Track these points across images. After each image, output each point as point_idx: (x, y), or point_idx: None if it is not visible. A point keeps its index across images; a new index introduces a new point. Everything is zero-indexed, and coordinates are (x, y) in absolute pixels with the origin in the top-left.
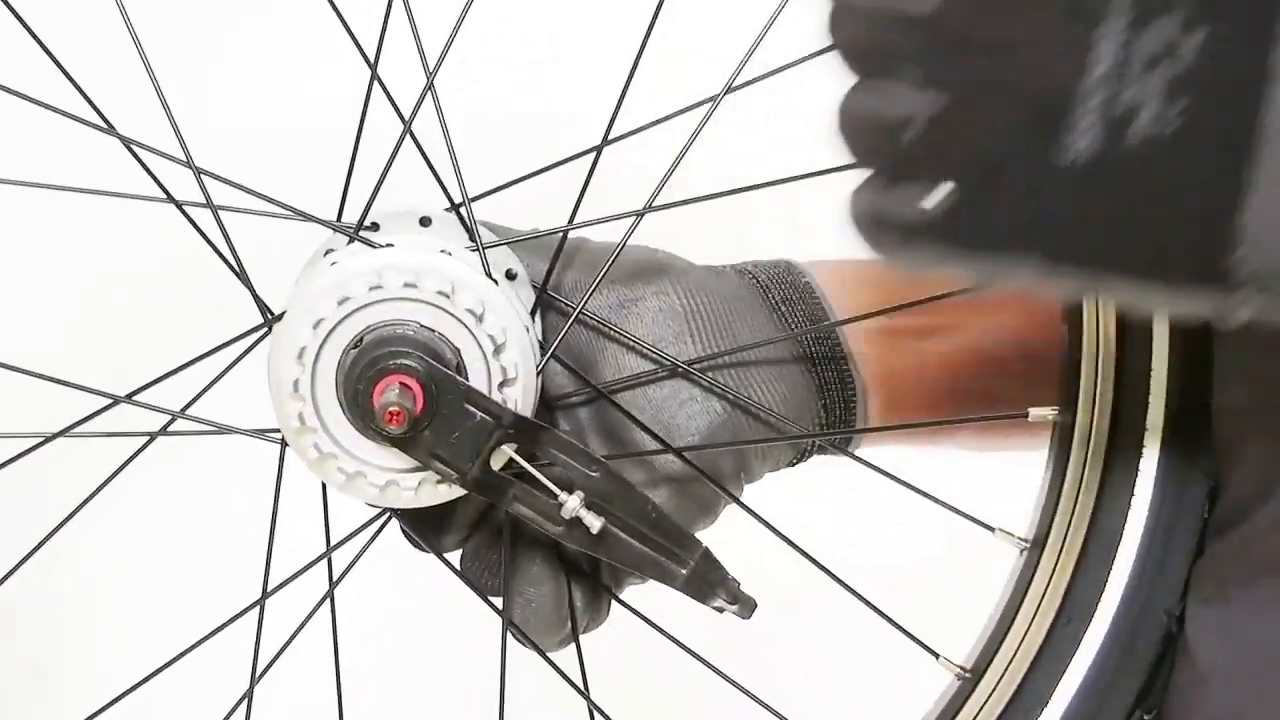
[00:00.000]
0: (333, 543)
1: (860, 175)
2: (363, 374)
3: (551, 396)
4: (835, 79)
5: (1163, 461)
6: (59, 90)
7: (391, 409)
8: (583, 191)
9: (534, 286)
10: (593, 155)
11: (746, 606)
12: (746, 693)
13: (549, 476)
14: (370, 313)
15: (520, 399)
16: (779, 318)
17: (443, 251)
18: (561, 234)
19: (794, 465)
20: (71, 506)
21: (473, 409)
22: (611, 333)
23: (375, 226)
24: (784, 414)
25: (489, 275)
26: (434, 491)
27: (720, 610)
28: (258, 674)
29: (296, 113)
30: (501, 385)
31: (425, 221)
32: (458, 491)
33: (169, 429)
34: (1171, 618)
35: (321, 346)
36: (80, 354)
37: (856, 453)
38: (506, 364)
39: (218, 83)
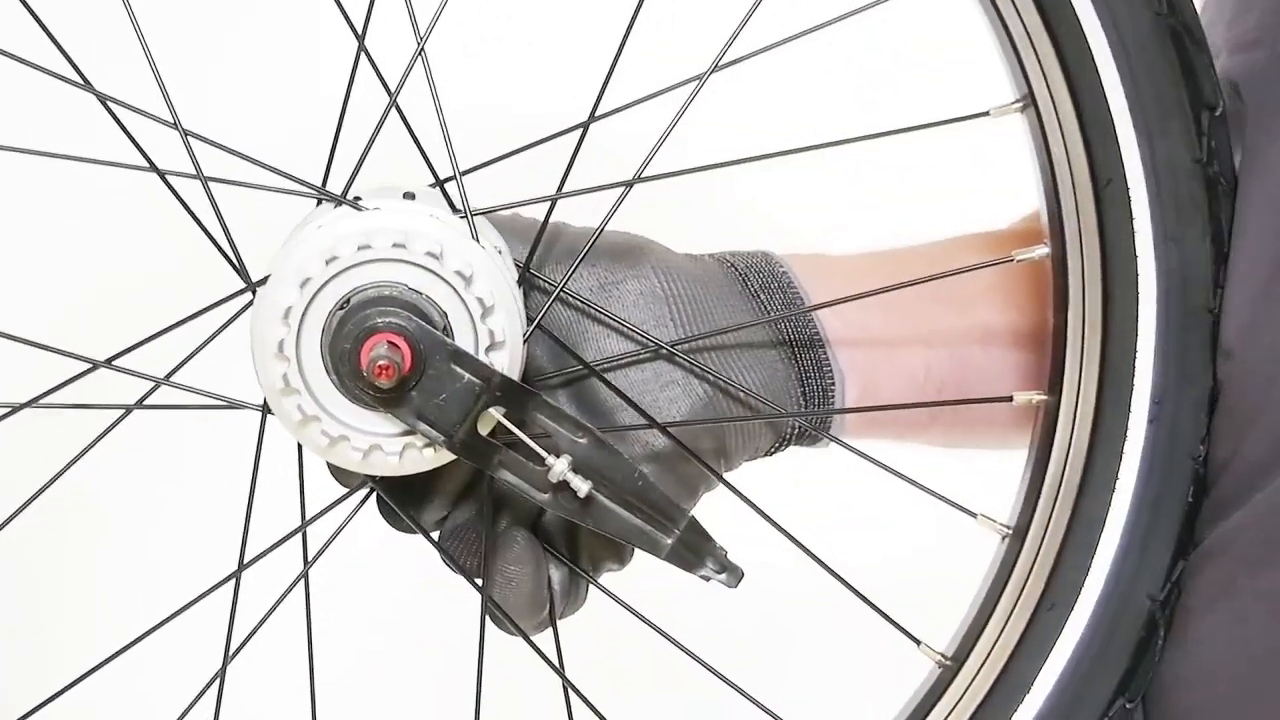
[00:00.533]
0: (308, 517)
1: None
2: (350, 333)
3: (531, 377)
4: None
5: (1147, 446)
6: (43, 55)
7: (381, 363)
8: (570, 163)
9: (517, 266)
10: (579, 132)
11: (734, 575)
12: (723, 678)
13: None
14: (358, 273)
15: (508, 364)
16: (758, 305)
17: (431, 216)
18: (548, 207)
19: (770, 454)
20: (50, 473)
21: (460, 370)
22: (594, 314)
23: (359, 201)
24: (764, 397)
25: (476, 240)
26: (419, 457)
27: (707, 579)
28: (231, 651)
29: (282, 91)
30: (489, 349)
31: (409, 196)
32: (444, 457)
33: (145, 401)
34: (1155, 602)
35: (308, 307)
36: (61, 326)
37: (835, 443)
38: (494, 328)
39: (205, 60)
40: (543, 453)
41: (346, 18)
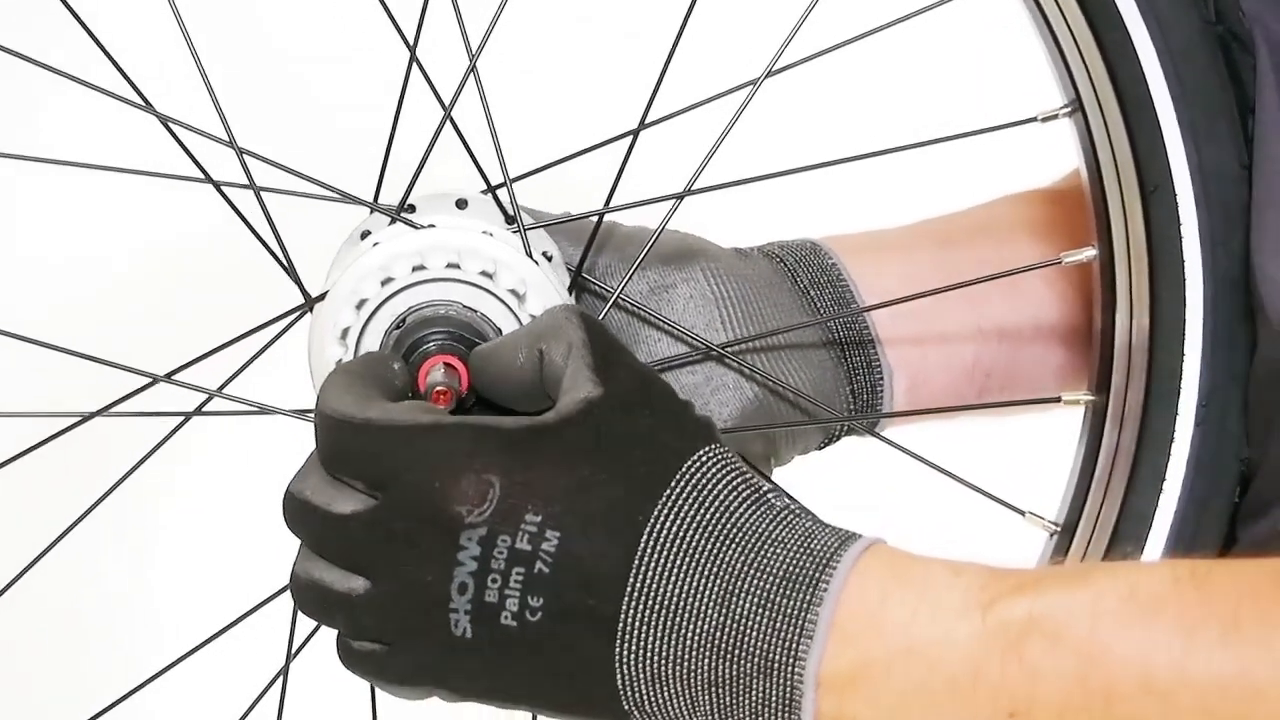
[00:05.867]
0: None
1: None
2: (407, 354)
3: None
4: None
5: (1194, 447)
6: (99, 70)
7: (439, 388)
8: (619, 175)
9: (569, 270)
10: (629, 139)
11: None
12: None
13: None
14: (413, 294)
15: None
16: (808, 302)
17: (484, 232)
18: (597, 218)
19: (821, 449)
20: (103, 487)
21: None
22: (647, 317)
23: (412, 209)
24: (814, 398)
25: (530, 256)
26: None
27: None
28: (293, 651)
29: (333, 97)
30: None
31: (462, 204)
32: None
33: (205, 408)
34: None
35: (365, 327)
36: (115, 334)
37: (885, 435)
38: None
39: (252, 66)
40: None
41: (399, 29)
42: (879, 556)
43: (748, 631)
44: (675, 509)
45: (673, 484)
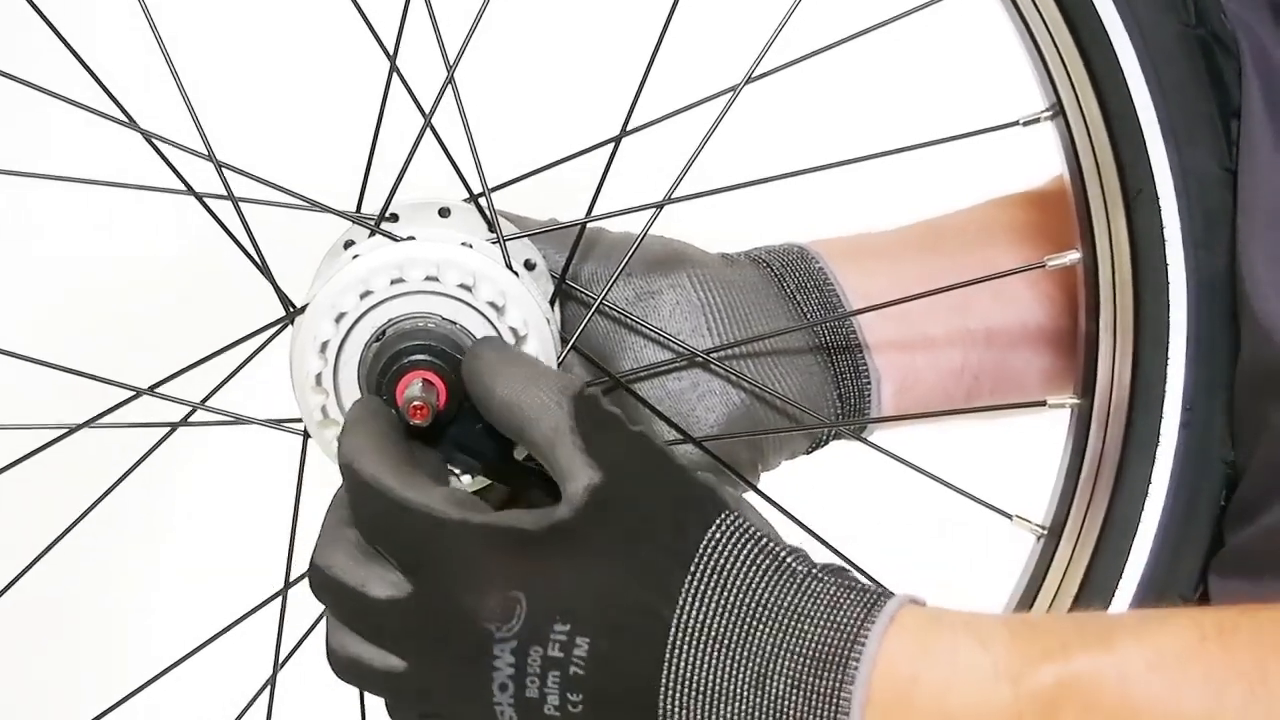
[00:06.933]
0: None
1: None
2: (386, 368)
3: None
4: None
5: (1179, 450)
6: (81, 85)
7: (416, 404)
8: (601, 183)
9: (553, 277)
10: (610, 146)
11: None
12: None
13: None
14: (392, 306)
15: None
16: (794, 307)
17: (463, 244)
18: (579, 229)
19: (810, 453)
20: (90, 499)
21: None
22: (632, 324)
23: (395, 218)
24: (801, 404)
25: (509, 267)
26: (456, 483)
27: None
28: (280, 661)
29: (314, 106)
30: None
31: (444, 212)
32: (480, 482)
33: (190, 420)
34: (1186, 604)
35: (344, 340)
36: (98, 346)
37: (872, 438)
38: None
39: (236, 77)
40: None
41: (379, 40)
42: (905, 629)
43: (783, 713)
44: (699, 597)
45: (693, 569)
